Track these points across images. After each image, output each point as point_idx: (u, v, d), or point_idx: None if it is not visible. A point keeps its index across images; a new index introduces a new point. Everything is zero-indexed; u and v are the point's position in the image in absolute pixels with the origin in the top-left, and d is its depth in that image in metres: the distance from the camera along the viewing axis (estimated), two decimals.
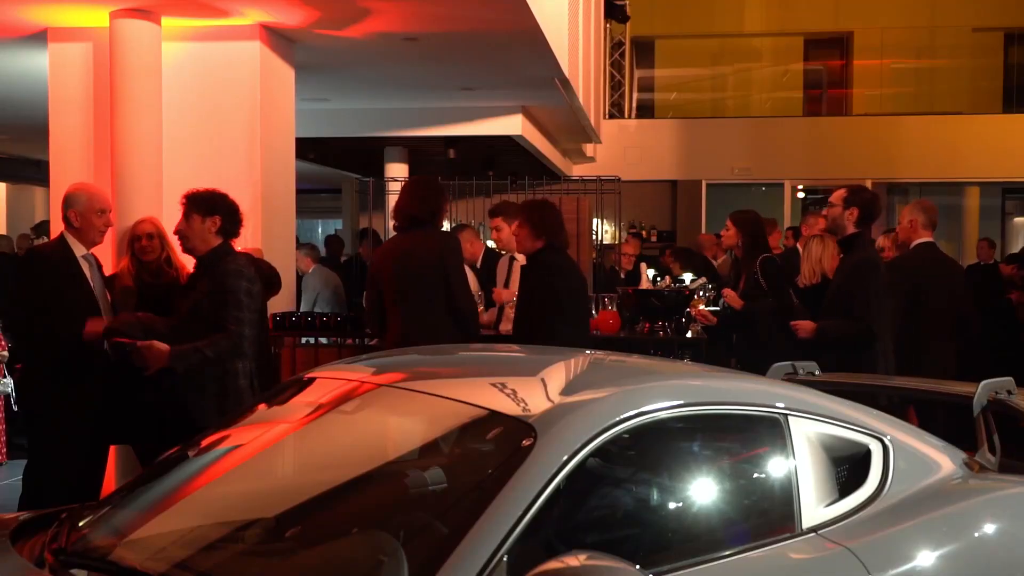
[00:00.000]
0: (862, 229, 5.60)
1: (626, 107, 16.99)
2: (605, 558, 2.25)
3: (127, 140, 6.50)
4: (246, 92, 7.07)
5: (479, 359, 3.70)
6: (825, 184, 17.06)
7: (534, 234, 5.58)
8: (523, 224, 5.63)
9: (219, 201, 5.02)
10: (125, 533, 2.77)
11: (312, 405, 3.14)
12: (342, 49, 7.96)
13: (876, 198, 5.75)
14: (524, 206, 5.86)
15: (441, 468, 2.83)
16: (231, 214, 5.03)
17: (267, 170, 7.16)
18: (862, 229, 5.60)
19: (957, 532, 3.08)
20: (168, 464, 3.17)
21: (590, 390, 2.86)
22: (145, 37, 6.56)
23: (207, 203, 4.99)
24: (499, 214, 6.99)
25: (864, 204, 5.56)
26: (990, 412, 3.66)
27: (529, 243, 5.62)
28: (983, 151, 15.46)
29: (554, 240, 5.60)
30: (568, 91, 10.01)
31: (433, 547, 2.35)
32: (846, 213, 5.55)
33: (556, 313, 5.37)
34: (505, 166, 13.78)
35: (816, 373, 4.32)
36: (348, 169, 16.21)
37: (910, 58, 17.48)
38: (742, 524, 2.86)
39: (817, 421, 3.07)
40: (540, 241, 5.58)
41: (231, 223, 5.03)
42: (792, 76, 18.17)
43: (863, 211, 5.54)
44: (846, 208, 5.55)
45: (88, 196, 5.41)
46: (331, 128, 11.65)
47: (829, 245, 6.80)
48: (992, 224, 17.44)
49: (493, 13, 7.01)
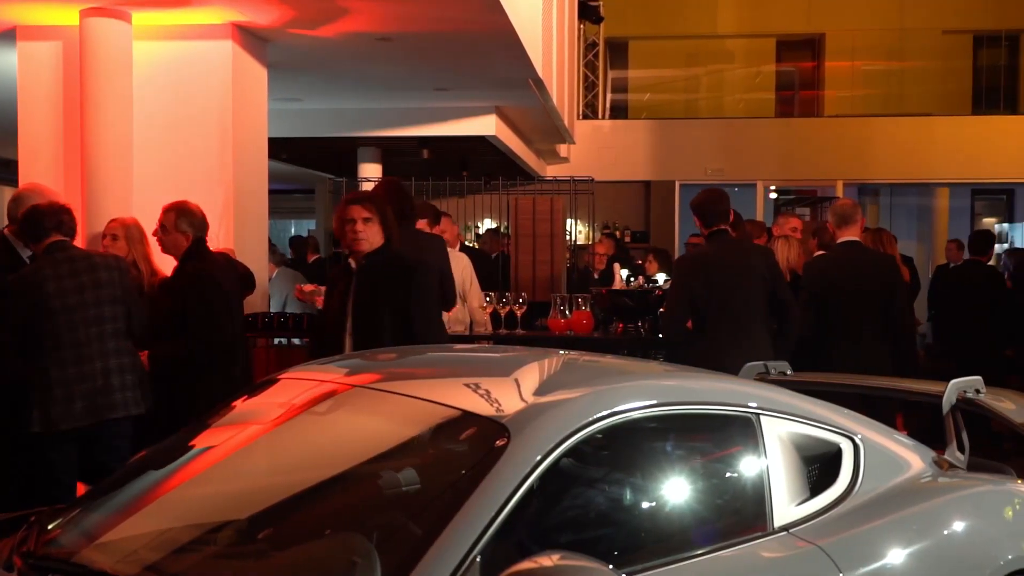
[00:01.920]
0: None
1: (600, 108, 17.02)
2: (578, 558, 2.25)
3: (97, 140, 6.46)
4: (218, 91, 7.04)
5: (452, 359, 3.70)
6: (797, 185, 17.19)
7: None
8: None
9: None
10: (95, 536, 2.75)
11: (285, 406, 3.13)
12: (315, 49, 7.94)
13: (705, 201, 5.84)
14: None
15: (414, 469, 2.82)
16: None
17: (239, 170, 7.13)
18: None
19: (926, 530, 3.11)
20: (139, 466, 3.15)
21: (563, 390, 2.87)
22: (116, 36, 6.52)
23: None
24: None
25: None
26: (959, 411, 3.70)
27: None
28: (952, 152, 15.58)
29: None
30: (542, 92, 10.02)
31: (406, 548, 2.34)
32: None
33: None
34: (479, 166, 13.78)
35: (788, 373, 4.35)
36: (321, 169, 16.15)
37: (881, 60, 17.60)
38: (714, 523, 2.88)
39: (789, 420, 3.09)
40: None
41: None
42: (764, 77, 18.26)
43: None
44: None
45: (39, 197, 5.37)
46: (304, 128, 11.61)
47: (794, 245, 6.90)
48: (961, 225, 17.58)
49: (467, 13, 7.01)
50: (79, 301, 4.81)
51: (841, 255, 6.19)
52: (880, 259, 6.33)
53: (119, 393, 4.87)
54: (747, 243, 5.86)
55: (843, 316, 5.98)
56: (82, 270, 4.87)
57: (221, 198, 6.67)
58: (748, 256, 5.79)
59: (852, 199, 9.26)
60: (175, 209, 5.33)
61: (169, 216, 5.31)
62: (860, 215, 6.30)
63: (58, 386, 4.75)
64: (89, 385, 4.80)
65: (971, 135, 15.70)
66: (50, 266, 4.85)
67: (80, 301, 4.81)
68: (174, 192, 5.97)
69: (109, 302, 4.91)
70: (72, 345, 4.79)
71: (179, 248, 5.31)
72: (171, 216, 5.31)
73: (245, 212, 7.24)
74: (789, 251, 6.87)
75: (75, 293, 4.82)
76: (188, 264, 5.30)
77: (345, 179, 12.05)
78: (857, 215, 6.23)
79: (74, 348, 4.79)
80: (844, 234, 6.17)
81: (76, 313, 4.80)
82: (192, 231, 5.31)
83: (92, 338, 4.83)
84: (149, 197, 6.63)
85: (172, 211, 5.33)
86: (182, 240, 5.30)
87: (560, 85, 11.82)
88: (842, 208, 6.31)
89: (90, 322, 4.83)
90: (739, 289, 5.63)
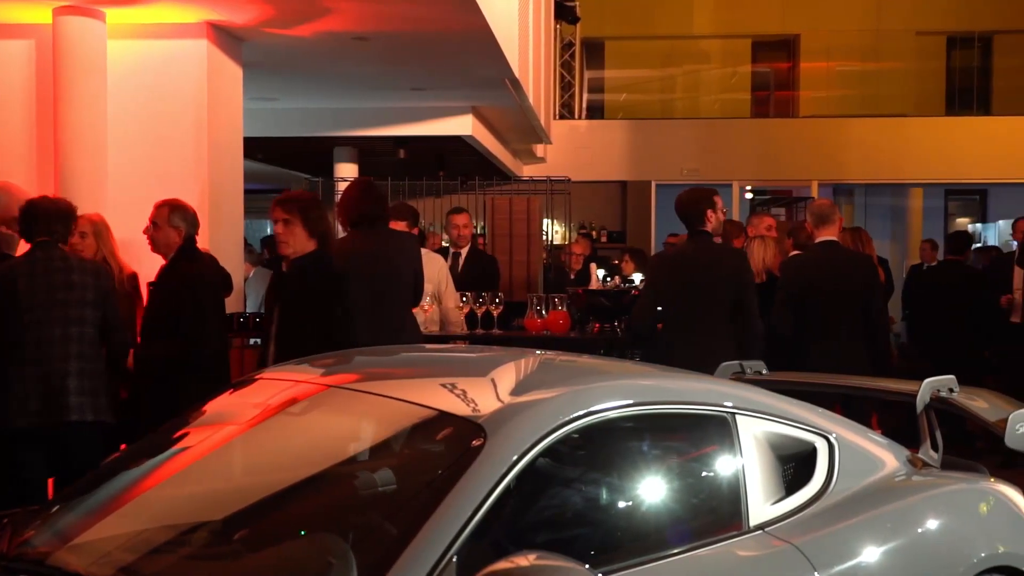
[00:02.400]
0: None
1: (576, 108, 17.03)
2: (554, 558, 2.25)
3: (71, 139, 6.41)
4: (193, 91, 7.00)
5: (429, 360, 3.70)
6: (773, 185, 17.25)
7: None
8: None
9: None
10: (69, 537, 2.74)
11: (260, 407, 3.12)
12: (291, 48, 7.91)
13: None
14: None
15: (391, 469, 2.82)
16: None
17: (214, 170, 7.09)
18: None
19: (901, 528, 3.13)
20: (114, 467, 3.14)
21: (540, 390, 2.87)
22: (89, 34, 6.48)
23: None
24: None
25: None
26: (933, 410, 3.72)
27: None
28: (926, 153, 15.68)
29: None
30: (518, 91, 10.02)
31: (382, 548, 2.34)
32: None
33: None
34: (456, 166, 13.77)
35: (763, 372, 4.37)
36: (297, 169, 16.10)
37: (855, 61, 17.69)
38: (690, 522, 2.89)
39: (764, 420, 3.10)
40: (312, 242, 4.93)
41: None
42: (740, 78, 18.32)
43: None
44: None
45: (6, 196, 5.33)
46: (280, 128, 11.57)
47: (770, 245, 6.93)
48: (935, 225, 17.70)
49: (443, 13, 7.01)
50: (47, 300, 4.77)
51: (819, 255, 6.21)
52: (858, 259, 6.35)
53: (75, 397, 4.80)
54: (722, 246, 5.82)
55: (821, 316, 6.01)
56: (56, 270, 4.84)
57: (196, 198, 6.61)
58: (720, 258, 5.74)
59: (830, 199, 9.31)
60: (168, 205, 5.28)
61: (162, 211, 5.26)
62: (838, 215, 6.32)
63: (16, 383, 4.73)
64: (46, 385, 4.75)
65: (945, 136, 15.80)
66: (25, 264, 4.83)
67: (48, 300, 4.78)
68: (149, 191, 5.94)
69: (78, 305, 4.85)
70: (35, 344, 4.75)
71: (171, 245, 5.25)
72: (164, 211, 5.25)
73: (220, 212, 7.20)
74: (765, 251, 6.91)
75: (44, 292, 4.78)
76: (181, 264, 5.22)
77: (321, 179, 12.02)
78: (835, 215, 6.26)
79: (36, 347, 4.76)
80: (822, 234, 6.20)
81: (42, 312, 4.76)
82: (185, 227, 5.26)
83: (56, 339, 4.78)
84: (124, 197, 6.60)
85: (165, 206, 5.27)
86: (174, 236, 5.24)
87: (536, 85, 11.83)
88: (820, 208, 6.34)
89: (55, 323, 4.79)
90: (703, 291, 5.60)
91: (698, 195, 5.80)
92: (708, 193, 5.81)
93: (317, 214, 4.84)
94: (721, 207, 5.80)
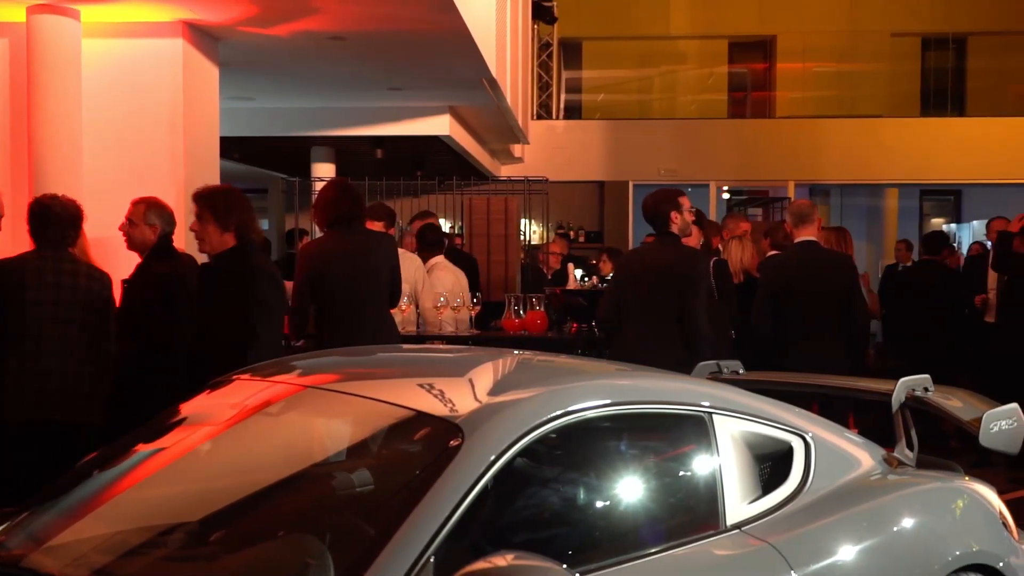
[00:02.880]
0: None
1: (554, 108, 17.05)
2: (532, 558, 2.25)
3: (45, 139, 6.36)
4: (168, 90, 6.96)
5: (406, 360, 3.69)
6: (750, 185, 17.31)
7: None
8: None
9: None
10: (44, 539, 2.72)
11: (237, 407, 3.10)
12: (268, 47, 7.88)
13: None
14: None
15: (368, 470, 2.82)
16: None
17: (190, 169, 7.06)
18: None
19: (876, 527, 3.15)
20: (89, 468, 3.11)
21: (517, 390, 2.87)
22: (64, 33, 6.43)
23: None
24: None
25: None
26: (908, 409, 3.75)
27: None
28: (901, 154, 15.77)
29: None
30: (496, 91, 10.02)
31: (360, 549, 2.33)
32: None
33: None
34: (433, 166, 13.74)
35: (740, 372, 4.38)
36: (274, 169, 16.03)
37: (831, 62, 17.78)
38: (668, 522, 2.89)
39: (741, 419, 3.11)
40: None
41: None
42: (717, 79, 18.38)
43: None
44: None
45: None
46: (256, 127, 11.52)
47: (748, 246, 6.97)
48: (910, 225, 17.82)
49: (420, 13, 7.00)
50: (53, 298, 4.83)
51: (798, 255, 6.24)
52: (837, 259, 6.36)
53: (72, 397, 4.85)
54: (678, 248, 5.68)
55: (800, 316, 6.03)
56: (65, 271, 4.91)
57: (172, 197, 6.57)
58: (668, 259, 5.62)
59: (809, 199, 9.34)
60: (145, 202, 5.29)
61: (138, 209, 5.26)
62: (817, 215, 6.35)
63: (12, 375, 4.76)
64: (44, 381, 4.79)
65: (920, 137, 15.90)
66: (35, 259, 4.90)
67: (54, 298, 4.83)
68: (125, 190, 5.89)
69: (83, 307, 4.92)
70: (35, 338, 4.79)
71: (146, 243, 5.25)
72: (140, 209, 5.26)
73: None
74: (743, 252, 6.94)
75: (51, 290, 4.85)
76: (158, 263, 5.22)
77: (298, 179, 11.96)
78: (814, 215, 6.29)
79: (36, 342, 4.79)
80: (801, 233, 6.22)
81: (46, 309, 4.81)
82: (160, 224, 5.27)
83: (57, 336, 4.83)
84: (99, 196, 6.54)
85: (141, 204, 5.29)
86: (150, 234, 5.24)
87: (514, 85, 11.83)
88: (799, 208, 6.37)
89: (59, 321, 4.84)
90: (649, 290, 5.57)
91: (660, 198, 5.76)
92: (672, 195, 5.77)
93: (226, 207, 4.73)
94: (688, 208, 5.75)
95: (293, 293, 5.60)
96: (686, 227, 5.76)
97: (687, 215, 5.74)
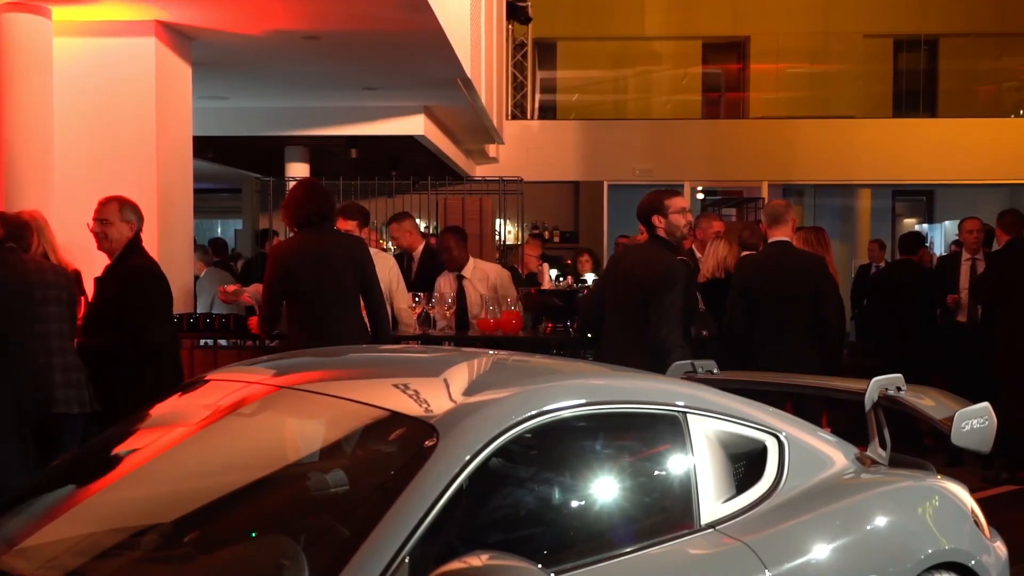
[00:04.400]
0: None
1: (528, 108, 17.06)
2: (507, 558, 2.26)
3: (15, 138, 6.32)
4: (141, 89, 6.93)
5: (380, 360, 3.68)
6: (724, 185, 17.38)
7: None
8: None
9: None
10: (16, 541, 2.69)
11: (211, 408, 3.09)
12: (241, 47, 7.85)
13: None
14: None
15: (343, 470, 2.81)
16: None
17: (164, 169, 7.02)
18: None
19: (849, 525, 3.17)
20: (62, 469, 3.09)
21: (492, 390, 2.87)
22: (35, 32, 6.39)
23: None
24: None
25: None
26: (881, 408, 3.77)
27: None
28: (874, 154, 15.88)
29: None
30: (470, 91, 10.02)
31: (334, 550, 2.33)
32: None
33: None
34: (408, 166, 13.73)
35: (715, 372, 4.39)
36: (248, 168, 15.98)
37: (804, 63, 17.89)
38: (642, 521, 2.90)
39: (715, 419, 3.12)
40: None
41: None
42: (691, 79, 18.45)
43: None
44: None
45: None
46: (230, 127, 11.47)
47: (733, 246, 7.00)
48: (883, 225, 17.94)
49: (395, 13, 6.99)
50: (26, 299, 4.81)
51: (769, 256, 6.24)
52: (808, 260, 6.29)
53: (62, 390, 4.87)
54: (652, 251, 5.54)
55: (772, 316, 6.04)
56: (32, 271, 4.90)
57: (145, 196, 6.53)
58: (636, 262, 5.49)
59: (784, 200, 9.36)
60: (116, 200, 5.28)
61: (112, 207, 5.24)
62: (792, 215, 6.33)
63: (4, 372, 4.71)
64: (36, 378, 4.79)
65: (892, 137, 16.02)
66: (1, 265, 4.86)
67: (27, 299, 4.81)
68: (97, 190, 5.85)
69: (56, 303, 4.92)
70: (19, 339, 4.76)
71: (123, 240, 5.23)
72: (114, 207, 5.24)
73: (170, 211, 7.13)
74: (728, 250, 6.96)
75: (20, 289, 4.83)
76: (132, 257, 5.23)
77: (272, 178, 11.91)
78: (788, 215, 6.27)
79: (20, 343, 4.76)
80: (775, 234, 6.22)
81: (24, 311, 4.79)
82: (136, 221, 5.29)
83: (36, 336, 4.82)
84: (71, 196, 6.51)
85: (114, 202, 5.27)
86: (127, 231, 5.24)
87: (489, 85, 11.83)
88: (774, 208, 6.38)
89: (37, 319, 4.84)
90: (620, 292, 5.50)
91: (646, 200, 5.56)
92: (658, 197, 5.54)
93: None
94: (676, 209, 5.47)
95: (263, 293, 5.66)
96: (674, 230, 5.47)
97: (674, 217, 5.46)
